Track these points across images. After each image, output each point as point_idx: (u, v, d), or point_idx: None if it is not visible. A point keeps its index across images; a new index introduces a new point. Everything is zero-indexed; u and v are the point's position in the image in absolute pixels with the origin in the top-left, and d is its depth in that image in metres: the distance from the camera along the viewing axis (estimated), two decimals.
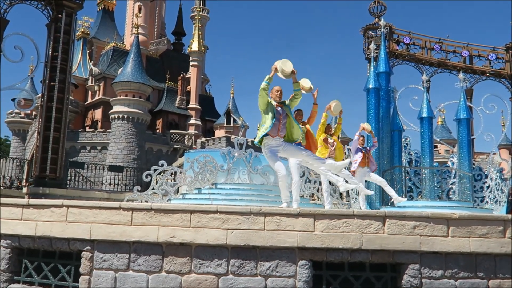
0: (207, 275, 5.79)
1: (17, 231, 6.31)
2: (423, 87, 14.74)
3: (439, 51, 22.53)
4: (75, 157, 44.05)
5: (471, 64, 23.03)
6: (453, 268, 5.87)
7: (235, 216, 5.85)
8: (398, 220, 5.88)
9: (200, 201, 8.74)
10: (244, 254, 5.81)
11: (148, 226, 5.92)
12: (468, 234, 5.92)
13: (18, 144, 53.70)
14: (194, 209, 5.98)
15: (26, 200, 6.60)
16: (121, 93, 46.88)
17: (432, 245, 5.84)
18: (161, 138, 49.25)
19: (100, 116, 51.48)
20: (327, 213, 5.99)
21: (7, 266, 6.33)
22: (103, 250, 5.96)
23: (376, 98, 13.33)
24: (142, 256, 5.89)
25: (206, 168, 9.91)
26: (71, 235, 6.05)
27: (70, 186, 21.68)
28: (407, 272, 5.80)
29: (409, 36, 22.21)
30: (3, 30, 17.38)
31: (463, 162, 13.93)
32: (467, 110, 14.44)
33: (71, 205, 6.21)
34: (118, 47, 55.01)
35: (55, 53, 18.15)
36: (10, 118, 54.44)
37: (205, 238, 5.82)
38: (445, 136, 43.98)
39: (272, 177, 10.15)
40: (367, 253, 5.81)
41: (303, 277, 5.73)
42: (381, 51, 14.32)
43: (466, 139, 14.08)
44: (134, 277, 5.85)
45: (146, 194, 9.41)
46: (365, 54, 21.67)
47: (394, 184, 13.09)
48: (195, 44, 54.89)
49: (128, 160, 43.86)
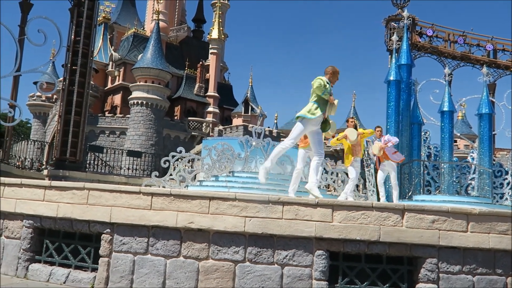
0: (224, 262, 5.84)
1: (39, 212, 6.43)
2: (445, 80, 14.53)
3: (462, 44, 22.16)
4: (94, 141, 44.61)
5: (495, 58, 22.63)
6: (471, 264, 5.83)
7: (253, 204, 5.88)
8: (417, 214, 5.84)
9: (217, 188, 8.79)
10: (261, 242, 5.85)
11: (167, 211, 5.98)
12: (487, 230, 5.86)
13: (38, 127, 54.61)
14: (213, 195, 6.02)
15: (49, 182, 6.71)
16: (141, 79, 47.20)
17: (450, 240, 5.79)
18: (179, 125, 49.55)
19: (119, 101, 51.95)
20: (345, 204, 5.98)
21: (28, 246, 6.46)
22: (123, 233, 6.05)
23: (396, 90, 13.19)
24: (160, 240, 5.97)
25: (224, 156, 9.96)
26: (92, 218, 6.14)
27: (89, 169, 21.97)
28: (424, 266, 5.78)
29: (432, 28, 21.88)
30: (27, 13, 17.59)
31: (483, 158, 13.74)
32: (490, 105, 14.21)
33: (92, 188, 6.30)
34: (139, 33, 55.29)
35: (77, 38, 18.35)
36: (32, 101, 55.32)
37: (223, 225, 5.86)
38: (465, 131, 43.43)
39: (289, 166, 10.16)
40: (384, 246, 5.79)
41: (319, 267, 5.75)
42: (403, 43, 14.12)
43: (487, 135, 13.88)
44: (152, 261, 5.93)
45: (163, 180, 9.50)
46: (386, 45, 21.43)
47: (412, 178, 12.99)
48: (215, 31, 54.86)
49: (146, 146, 44.29)
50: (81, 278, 6.08)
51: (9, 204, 6.66)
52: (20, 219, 6.59)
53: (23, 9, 17.75)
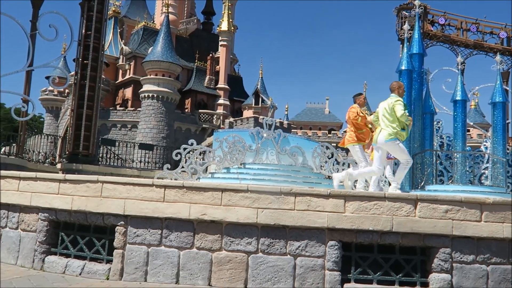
0: (237, 253, 5.88)
1: (54, 205, 6.52)
2: (457, 69, 14.36)
3: (475, 32, 21.86)
4: (106, 135, 44.89)
5: (508, 46, 22.31)
6: (485, 254, 5.80)
7: (266, 196, 5.90)
8: (430, 204, 5.82)
9: (229, 180, 8.81)
10: (274, 233, 5.87)
11: (180, 203, 6.03)
12: (502, 220, 5.83)
13: (51, 121, 55.05)
14: (225, 187, 6.05)
15: (63, 176, 6.79)
16: (151, 72, 47.31)
17: (464, 230, 5.77)
18: (190, 117, 49.64)
19: (130, 94, 52.16)
20: (357, 194, 5.97)
21: (44, 238, 6.56)
22: (136, 226, 6.11)
23: (408, 80, 13.05)
24: (174, 232, 6.02)
25: (235, 148, 9.96)
26: (106, 210, 6.21)
27: (102, 163, 22.12)
28: (438, 256, 5.76)
29: (444, 16, 21.61)
30: (38, 9, 17.70)
31: (497, 147, 13.60)
32: (503, 94, 14.03)
33: (105, 181, 6.37)
34: (149, 26, 55.34)
35: (88, 32, 18.44)
36: (44, 95, 55.75)
37: (235, 216, 5.89)
38: (478, 120, 42.99)
39: (301, 158, 10.15)
40: (397, 236, 5.78)
41: (332, 257, 5.76)
42: (415, 32, 13.96)
43: (501, 123, 13.72)
44: (166, 252, 5.99)
45: (175, 172, 9.54)
46: (398, 34, 21.22)
47: (425, 168, 12.90)
48: (224, 23, 54.72)
49: (158, 139, 44.49)
50: (96, 269, 6.17)
51: (24, 197, 6.76)
52: (35, 212, 6.68)
53: (34, 5, 17.88)
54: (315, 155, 10.30)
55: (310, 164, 10.18)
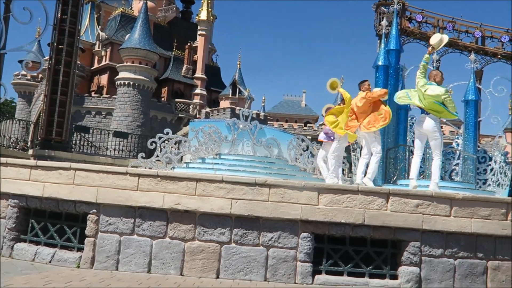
0: (210, 243, 5.89)
1: (25, 191, 6.39)
2: (433, 66, 14.57)
3: (451, 30, 22.24)
4: (80, 121, 44.14)
5: (483, 45, 22.78)
6: (453, 248, 5.95)
7: (240, 186, 5.91)
8: (402, 198, 5.93)
9: (204, 170, 8.78)
10: (248, 224, 5.89)
11: (154, 192, 5.99)
12: (470, 215, 5.97)
13: (23, 106, 53.83)
14: (200, 177, 6.04)
15: (35, 162, 6.66)
16: (128, 60, 46.64)
17: (434, 224, 5.89)
18: (166, 106, 49.22)
19: (106, 81, 51.32)
20: (331, 187, 6.04)
21: (14, 225, 6.43)
22: (109, 214, 6.05)
23: (384, 75, 13.17)
24: (147, 221, 5.98)
25: (211, 138, 9.93)
26: (78, 198, 6.13)
27: (75, 150, 21.80)
28: (408, 249, 5.88)
29: (422, 14, 21.90)
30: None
31: (468, 144, 13.88)
32: (476, 92, 14.29)
33: (78, 168, 6.28)
34: (126, 13, 54.45)
35: (63, 16, 18.02)
36: (16, 79, 54.43)
37: (209, 207, 5.89)
38: None
39: (276, 150, 10.18)
40: (369, 229, 5.87)
41: (304, 249, 5.82)
42: (392, 28, 14.09)
43: (473, 121, 13.98)
44: (138, 241, 5.95)
45: (150, 161, 9.46)
46: (376, 30, 21.41)
47: (398, 163, 13.09)
48: (203, 12, 54.27)
49: (133, 127, 43.97)
50: (66, 257, 6.09)
51: None
52: (5, 198, 6.54)
53: None
54: (290, 147, 10.35)
55: (285, 156, 10.22)
